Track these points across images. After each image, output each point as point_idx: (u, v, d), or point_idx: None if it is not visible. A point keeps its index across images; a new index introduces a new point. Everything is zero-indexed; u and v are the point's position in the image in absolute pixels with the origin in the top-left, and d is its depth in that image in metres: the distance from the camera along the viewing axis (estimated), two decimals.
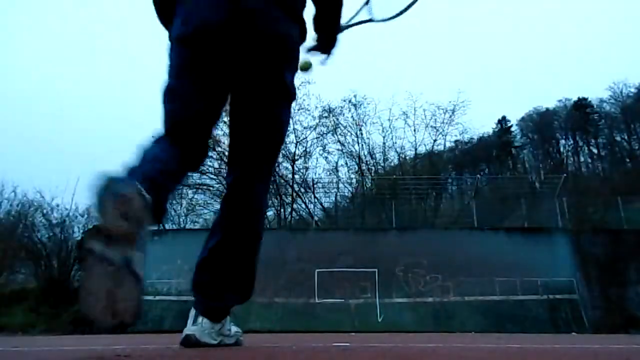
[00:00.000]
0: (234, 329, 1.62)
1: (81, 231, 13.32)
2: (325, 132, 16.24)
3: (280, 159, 15.85)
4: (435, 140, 16.77)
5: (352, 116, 16.53)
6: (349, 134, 16.50)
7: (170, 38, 1.48)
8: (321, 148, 16.22)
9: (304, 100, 15.82)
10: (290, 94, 1.54)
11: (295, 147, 15.76)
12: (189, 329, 1.47)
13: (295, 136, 15.83)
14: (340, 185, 15.76)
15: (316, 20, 1.66)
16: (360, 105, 16.40)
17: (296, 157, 15.72)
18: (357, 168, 16.44)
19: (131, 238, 1.01)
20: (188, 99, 1.40)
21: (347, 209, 16.79)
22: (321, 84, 18.50)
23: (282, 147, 1.77)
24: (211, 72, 1.39)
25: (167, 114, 1.41)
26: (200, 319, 1.48)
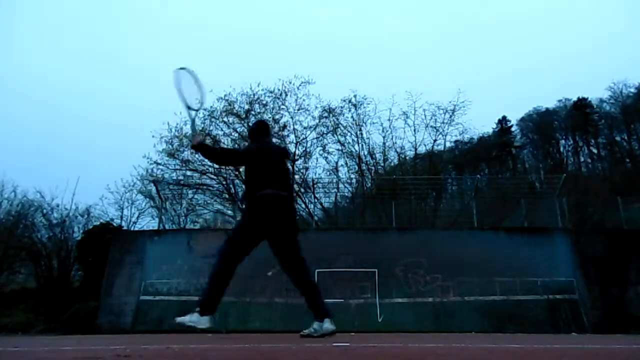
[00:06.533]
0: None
1: (81, 231, 13.27)
2: (325, 132, 16.20)
3: None
4: (435, 140, 16.73)
5: (352, 116, 16.48)
6: (349, 134, 16.46)
7: None
8: (321, 148, 16.19)
9: (304, 100, 15.81)
10: None
11: (295, 147, 15.72)
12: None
13: (295, 136, 15.81)
14: (340, 185, 15.71)
15: None
16: (361, 105, 16.35)
17: (296, 157, 15.68)
18: (357, 168, 16.41)
19: None
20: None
21: (347, 209, 16.76)
22: (321, 84, 18.50)
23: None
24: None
25: None
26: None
